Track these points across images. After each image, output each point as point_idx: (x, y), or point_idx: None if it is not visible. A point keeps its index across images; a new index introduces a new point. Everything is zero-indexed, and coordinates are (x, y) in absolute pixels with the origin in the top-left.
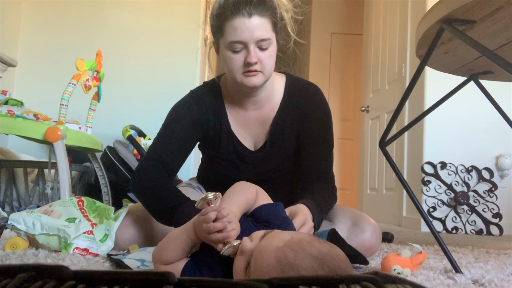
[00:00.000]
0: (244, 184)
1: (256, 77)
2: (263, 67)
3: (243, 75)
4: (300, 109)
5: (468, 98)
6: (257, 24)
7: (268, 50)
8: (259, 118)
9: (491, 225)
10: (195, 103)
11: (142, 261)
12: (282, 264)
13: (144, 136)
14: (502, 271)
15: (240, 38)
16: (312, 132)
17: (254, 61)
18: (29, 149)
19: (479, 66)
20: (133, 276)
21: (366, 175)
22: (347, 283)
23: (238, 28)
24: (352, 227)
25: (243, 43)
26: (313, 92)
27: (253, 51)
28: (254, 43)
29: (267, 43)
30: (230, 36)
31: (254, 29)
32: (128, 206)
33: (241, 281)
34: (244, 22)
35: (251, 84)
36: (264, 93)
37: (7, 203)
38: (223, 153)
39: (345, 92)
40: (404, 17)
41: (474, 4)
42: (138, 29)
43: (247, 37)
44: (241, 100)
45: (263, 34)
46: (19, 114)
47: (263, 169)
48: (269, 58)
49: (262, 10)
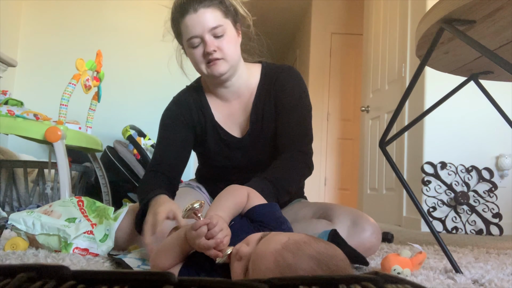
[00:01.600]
0: (233, 188)
1: (219, 65)
2: (224, 53)
3: (207, 66)
4: (275, 85)
5: (468, 98)
6: (205, 16)
7: (224, 36)
8: (241, 107)
9: (491, 225)
10: (177, 106)
11: (143, 261)
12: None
13: (144, 136)
14: (502, 271)
15: (194, 33)
16: (286, 104)
17: (212, 49)
18: (29, 149)
19: (479, 66)
20: (133, 276)
21: (366, 175)
22: (347, 283)
23: (190, 25)
24: (352, 227)
25: (198, 37)
26: (286, 69)
27: (209, 41)
28: (208, 33)
29: (221, 29)
30: (186, 35)
31: (203, 21)
32: (128, 206)
33: (241, 281)
34: (192, 18)
35: (216, 72)
36: (241, 81)
37: (7, 203)
38: (211, 145)
39: (345, 92)
40: (404, 17)
41: (474, 4)
42: (138, 29)
43: (199, 30)
44: (220, 92)
45: (213, 22)
46: (19, 114)
47: (252, 153)
48: (227, 43)
49: (205, 3)
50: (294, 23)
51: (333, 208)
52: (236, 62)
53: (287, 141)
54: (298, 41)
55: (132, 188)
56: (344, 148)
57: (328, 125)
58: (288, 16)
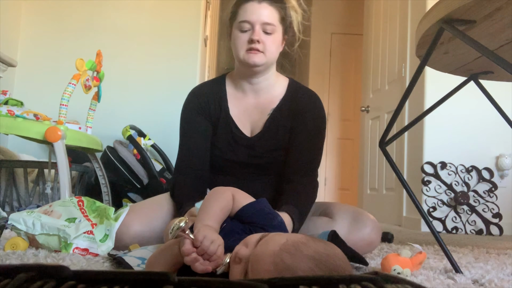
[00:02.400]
0: (217, 191)
1: (257, 56)
2: (265, 48)
3: (246, 52)
4: (297, 107)
5: (468, 98)
6: (265, 10)
7: (272, 35)
8: (258, 106)
9: (491, 225)
10: (196, 97)
11: (142, 259)
12: (280, 268)
13: (144, 136)
14: (502, 271)
15: (248, 18)
16: (304, 130)
17: (256, 38)
18: (29, 149)
19: (479, 66)
20: (133, 276)
21: (366, 175)
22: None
23: (248, 10)
24: (352, 223)
25: (250, 23)
26: (313, 96)
27: (258, 30)
28: (260, 24)
29: (272, 28)
30: (240, 17)
31: (262, 12)
32: (129, 206)
33: (241, 281)
34: (254, 5)
35: (251, 61)
36: (266, 83)
37: (7, 203)
38: (220, 136)
39: (345, 92)
40: (404, 17)
41: (474, 4)
42: (138, 29)
43: (254, 18)
44: (244, 85)
45: (269, 19)
46: (19, 114)
47: (256, 154)
48: (272, 42)
49: (272, 1)
50: None
51: (333, 206)
52: (271, 62)
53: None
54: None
55: (132, 188)
56: (344, 148)
57: (328, 125)
58: None
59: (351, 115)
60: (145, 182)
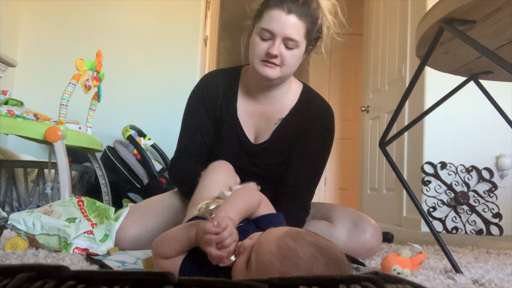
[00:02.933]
0: (248, 190)
1: (272, 70)
2: (283, 63)
3: (261, 63)
4: (306, 120)
5: (468, 98)
6: (291, 23)
7: (293, 50)
8: (266, 114)
9: (491, 225)
10: (205, 85)
11: (123, 263)
12: (283, 250)
13: (144, 136)
14: (502, 271)
15: (271, 27)
16: (308, 148)
17: (275, 53)
18: (29, 149)
19: (479, 66)
20: (133, 276)
21: (366, 175)
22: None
23: (274, 18)
24: (352, 228)
25: (272, 33)
26: (324, 109)
27: (278, 44)
28: (282, 38)
29: (294, 44)
30: (264, 23)
31: (287, 25)
32: (129, 206)
33: (241, 281)
34: (280, 15)
35: (264, 73)
36: (278, 92)
37: (7, 203)
38: (224, 135)
39: (345, 92)
40: (404, 17)
41: (474, 4)
42: (138, 29)
43: (278, 29)
44: (254, 91)
45: (292, 33)
46: (19, 114)
47: (259, 162)
48: (291, 57)
49: (302, 13)
50: None
51: (333, 209)
52: (287, 76)
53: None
54: None
55: (132, 188)
56: (344, 148)
57: None
58: None
59: (351, 115)
60: (145, 182)
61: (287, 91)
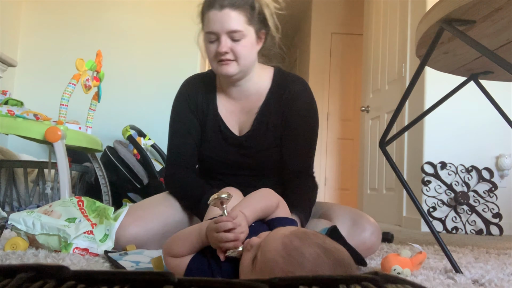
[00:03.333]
0: (267, 192)
1: (229, 66)
2: (237, 56)
3: (218, 64)
4: (285, 100)
5: (468, 98)
6: (228, 17)
7: (242, 41)
8: (245, 108)
9: (491, 225)
10: (187, 88)
11: (137, 263)
12: (289, 248)
13: (144, 136)
14: (502, 271)
15: (212, 29)
16: (294, 126)
17: (223, 51)
18: (29, 149)
19: (479, 66)
20: (133, 276)
21: (366, 175)
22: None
23: (211, 19)
24: (352, 227)
25: (215, 34)
26: (299, 86)
27: (224, 41)
28: (225, 34)
29: (239, 34)
30: (206, 27)
31: (225, 21)
32: (128, 206)
33: (241, 281)
34: (216, 14)
35: (224, 72)
36: (250, 83)
37: (7, 203)
38: (210, 134)
39: (345, 92)
40: (404, 17)
41: (474, 4)
42: (138, 29)
43: (218, 28)
44: (228, 89)
45: (233, 25)
46: (19, 114)
47: (247, 151)
48: (243, 48)
49: (234, 3)
50: (294, 23)
51: (333, 208)
52: (247, 67)
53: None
54: (298, 41)
55: (132, 188)
56: (344, 148)
57: (328, 125)
58: (288, 16)
59: (351, 115)
60: (145, 182)
61: (258, 80)
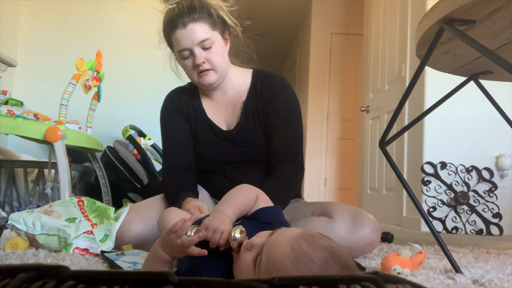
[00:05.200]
0: (243, 187)
1: (209, 76)
2: (212, 64)
3: (198, 76)
4: (266, 93)
5: (468, 98)
6: (194, 30)
7: (212, 48)
8: (229, 105)
9: (491, 225)
10: (170, 100)
11: (134, 263)
12: (297, 252)
13: (144, 136)
14: (502, 271)
15: (183, 46)
16: (277, 114)
17: (201, 61)
18: (29, 149)
19: (479, 66)
20: (133, 276)
21: (366, 175)
22: (347, 283)
23: (179, 38)
24: (352, 223)
25: (188, 49)
26: (278, 79)
27: (198, 53)
28: (197, 46)
29: (209, 42)
30: (177, 47)
31: (192, 35)
32: (129, 205)
33: (241, 281)
34: (181, 32)
35: (206, 82)
36: (229, 84)
37: (7, 203)
38: (201, 136)
39: (345, 92)
40: (404, 17)
41: (474, 4)
42: (138, 29)
43: (188, 43)
44: (210, 93)
45: (201, 35)
46: (19, 114)
47: (240, 144)
48: (216, 55)
49: (194, 17)
50: (294, 23)
51: (332, 206)
52: (224, 71)
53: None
54: (298, 41)
55: (132, 188)
56: (344, 148)
57: (328, 125)
58: (288, 16)
59: (351, 115)
60: (145, 182)
61: (237, 80)
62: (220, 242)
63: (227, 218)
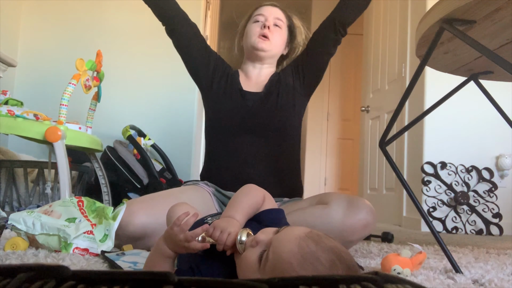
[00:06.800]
0: (250, 188)
1: (265, 43)
2: (272, 37)
3: (258, 38)
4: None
5: (468, 98)
6: (277, 10)
7: (280, 29)
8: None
9: (491, 225)
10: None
11: (134, 263)
12: (304, 252)
13: (144, 136)
14: (502, 271)
15: (263, 12)
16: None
17: (269, 24)
18: (29, 149)
19: (479, 66)
20: (133, 276)
21: (366, 175)
22: (347, 283)
23: (263, 9)
24: (347, 207)
25: (264, 16)
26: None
27: (270, 20)
28: (272, 17)
29: (281, 23)
30: (255, 13)
31: (274, 11)
32: (125, 204)
33: (241, 281)
34: (267, 7)
35: (260, 46)
36: (268, 70)
37: (7, 203)
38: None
39: (345, 92)
40: (404, 17)
41: (474, 4)
42: (138, 29)
43: (268, 13)
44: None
45: (279, 15)
46: (19, 114)
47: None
48: (278, 35)
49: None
50: None
51: (327, 194)
52: (275, 52)
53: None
54: None
55: (132, 188)
56: (344, 148)
57: (328, 125)
58: None
59: (351, 115)
60: (145, 182)
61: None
62: (227, 243)
63: (236, 221)
